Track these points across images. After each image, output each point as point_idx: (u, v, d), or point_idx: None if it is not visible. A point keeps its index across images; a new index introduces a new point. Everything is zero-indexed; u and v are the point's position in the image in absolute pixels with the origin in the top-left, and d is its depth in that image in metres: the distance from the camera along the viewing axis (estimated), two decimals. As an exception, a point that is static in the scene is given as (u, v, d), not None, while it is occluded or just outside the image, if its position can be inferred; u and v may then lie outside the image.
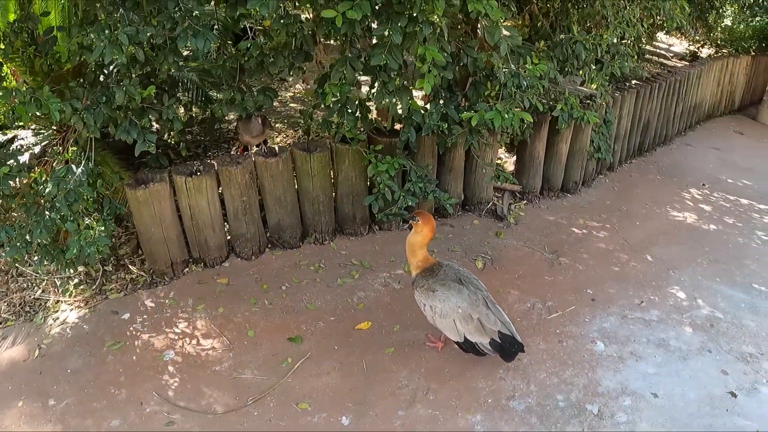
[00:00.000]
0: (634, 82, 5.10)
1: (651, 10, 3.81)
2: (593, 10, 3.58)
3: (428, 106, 3.57)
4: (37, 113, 2.77)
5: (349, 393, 2.80)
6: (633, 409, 2.75)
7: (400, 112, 3.27)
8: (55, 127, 3.80)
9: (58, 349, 3.12)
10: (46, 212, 3.03)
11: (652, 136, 5.87)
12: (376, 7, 2.72)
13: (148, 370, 2.97)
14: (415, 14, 2.63)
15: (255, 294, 3.44)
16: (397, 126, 3.86)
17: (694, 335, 3.27)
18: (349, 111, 3.28)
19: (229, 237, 3.73)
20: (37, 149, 3.64)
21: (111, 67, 3.16)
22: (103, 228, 3.08)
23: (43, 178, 3.12)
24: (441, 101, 3.52)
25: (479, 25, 3.10)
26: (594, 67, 3.89)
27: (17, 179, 3.14)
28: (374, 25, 2.98)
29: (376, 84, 3.09)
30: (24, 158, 3.49)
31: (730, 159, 5.89)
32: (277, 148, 3.68)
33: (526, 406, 2.73)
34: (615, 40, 3.57)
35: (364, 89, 3.58)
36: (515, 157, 4.71)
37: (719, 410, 2.77)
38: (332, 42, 3.46)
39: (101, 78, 3.25)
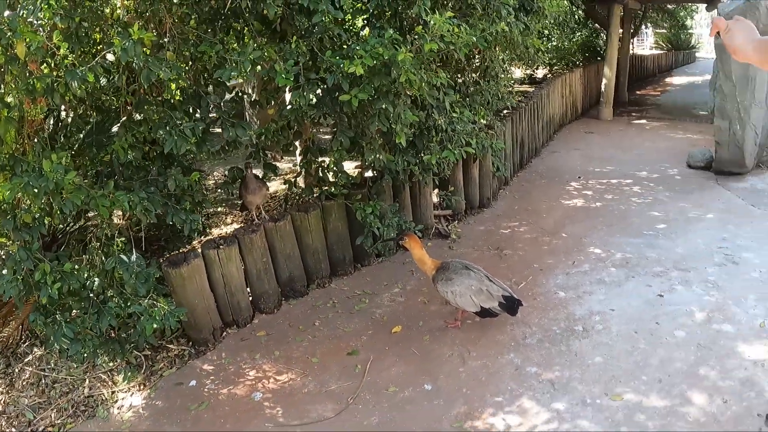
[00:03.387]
0: (505, 111, 8.17)
1: (521, 59, 6.86)
2: (486, 65, 6.49)
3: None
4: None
5: (417, 371, 4.74)
6: (602, 320, 5.15)
7: (379, 163, 5.64)
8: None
9: (144, 428, 4.52)
10: (108, 302, 4.54)
11: (527, 151, 8.96)
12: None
13: (246, 412, 4.53)
14: (399, 91, 5.10)
15: (297, 334, 5.31)
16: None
17: (619, 271, 5.92)
18: (340, 173, 5.62)
19: (251, 297, 5.61)
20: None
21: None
22: (166, 302, 4.62)
23: (86, 274, 4.49)
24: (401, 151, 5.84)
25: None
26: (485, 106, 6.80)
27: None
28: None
29: (364, 145, 5.46)
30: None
31: (590, 154, 9.29)
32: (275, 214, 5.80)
33: (537, 339, 4.97)
34: (503, 84, 6.51)
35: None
36: (436, 189, 7.28)
37: (655, 306, 5.32)
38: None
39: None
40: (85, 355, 4.65)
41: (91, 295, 4.59)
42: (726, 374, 4.40)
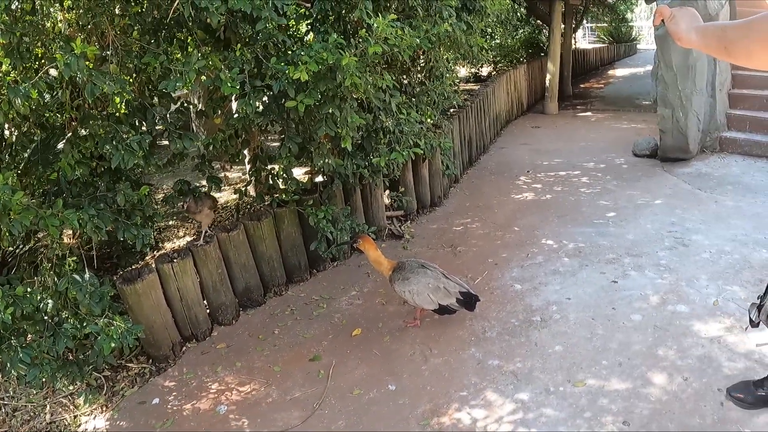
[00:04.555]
0: (452, 110, 8.40)
1: (466, 57, 7.08)
2: (431, 65, 6.68)
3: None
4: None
5: (380, 372, 4.84)
6: (560, 310, 5.34)
7: (329, 168, 5.77)
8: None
9: (110, 452, 4.58)
10: (63, 323, 4.65)
11: (475, 149, 9.22)
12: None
13: (212, 426, 4.56)
14: (344, 95, 5.20)
15: (257, 344, 5.37)
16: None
17: (572, 261, 6.13)
18: (289, 179, 5.71)
19: (208, 310, 5.64)
20: None
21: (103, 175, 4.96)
22: (122, 320, 4.80)
23: (39, 297, 4.68)
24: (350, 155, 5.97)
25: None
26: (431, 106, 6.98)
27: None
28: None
29: (312, 150, 5.57)
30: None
31: (538, 148, 9.66)
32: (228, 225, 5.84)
33: (497, 332, 5.13)
34: (449, 83, 6.71)
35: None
36: (387, 191, 7.46)
37: (610, 292, 5.53)
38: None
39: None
40: (44, 379, 4.60)
41: (46, 317, 4.56)
42: (684, 353, 4.61)
